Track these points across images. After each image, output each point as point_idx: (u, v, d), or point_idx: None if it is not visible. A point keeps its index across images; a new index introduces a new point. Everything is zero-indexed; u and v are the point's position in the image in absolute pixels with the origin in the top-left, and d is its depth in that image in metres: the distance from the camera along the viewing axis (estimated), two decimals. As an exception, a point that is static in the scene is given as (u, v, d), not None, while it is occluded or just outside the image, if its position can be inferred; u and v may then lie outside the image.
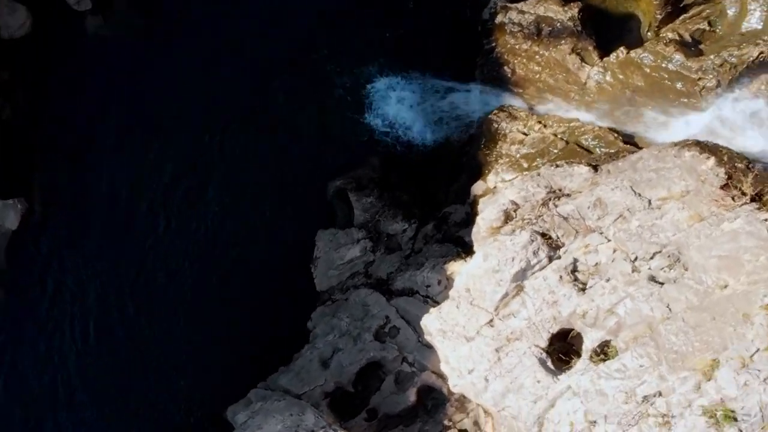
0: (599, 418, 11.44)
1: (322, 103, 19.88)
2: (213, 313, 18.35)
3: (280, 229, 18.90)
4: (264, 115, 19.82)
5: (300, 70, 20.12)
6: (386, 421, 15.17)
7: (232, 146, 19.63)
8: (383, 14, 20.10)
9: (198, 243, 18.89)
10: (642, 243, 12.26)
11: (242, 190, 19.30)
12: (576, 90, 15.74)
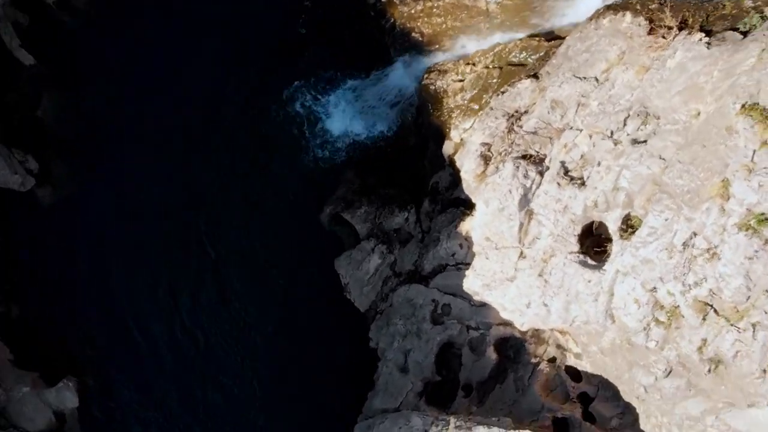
0: (656, 282, 11.99)
1: (275, 146, 20.41)
2: (289, 376, 19.02)
3: (302, 281, 19.56)
4: (236, 185, 20.31)
5: (232, 117, 20.65)
6: (483, 388, 15.73)
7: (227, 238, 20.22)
8: (288, 37, 20.67)
9: (253, 325, 19.56)
10: (610, 117, 12.82)
11: (250, 264, 19.81)
12: (483, 20, 16.27)
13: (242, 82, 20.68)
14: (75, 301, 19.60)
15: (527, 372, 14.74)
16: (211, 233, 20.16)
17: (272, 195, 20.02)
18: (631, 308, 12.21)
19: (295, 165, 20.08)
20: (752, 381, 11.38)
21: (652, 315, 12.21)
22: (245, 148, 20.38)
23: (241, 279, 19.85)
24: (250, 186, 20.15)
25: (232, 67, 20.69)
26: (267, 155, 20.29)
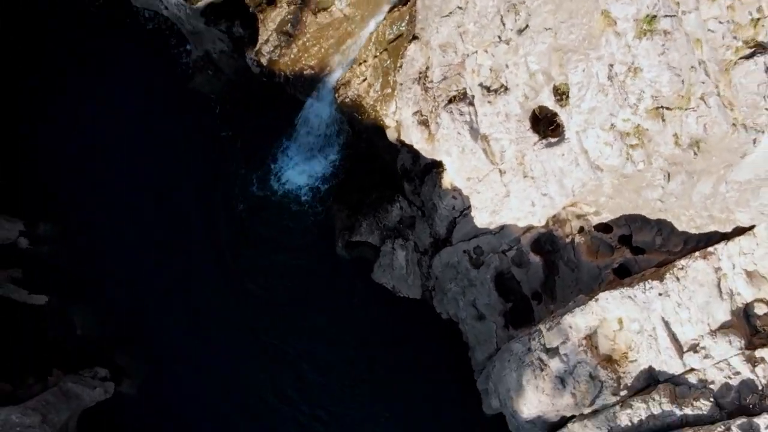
0: (610, 119, 13.59)
1: (268, 225, 21.91)
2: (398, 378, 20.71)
3: (363, 307, 21.06)
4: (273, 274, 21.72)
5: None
6: (547, 289, 17.42)
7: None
8: (215, 142, 22.35)
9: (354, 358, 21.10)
10: (489, 27, 14.43)
11: (322, 323, 21.22)
12: (347, 24, 17.79)
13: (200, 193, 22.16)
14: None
15: (569, 251, 16.40)
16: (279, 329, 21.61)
17: (294, 262, 21.56)
18: (607, 151, 13.84)
19: (291, 229, 21.65)
20: (730, 137, 13.03)
21: (625, 145, 13.84)
22: (263, 242, 21.92)
23: (319, 336, 21.31)
24: (277, 264, 21.66)
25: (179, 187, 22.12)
26: (269, 235, 21.77)
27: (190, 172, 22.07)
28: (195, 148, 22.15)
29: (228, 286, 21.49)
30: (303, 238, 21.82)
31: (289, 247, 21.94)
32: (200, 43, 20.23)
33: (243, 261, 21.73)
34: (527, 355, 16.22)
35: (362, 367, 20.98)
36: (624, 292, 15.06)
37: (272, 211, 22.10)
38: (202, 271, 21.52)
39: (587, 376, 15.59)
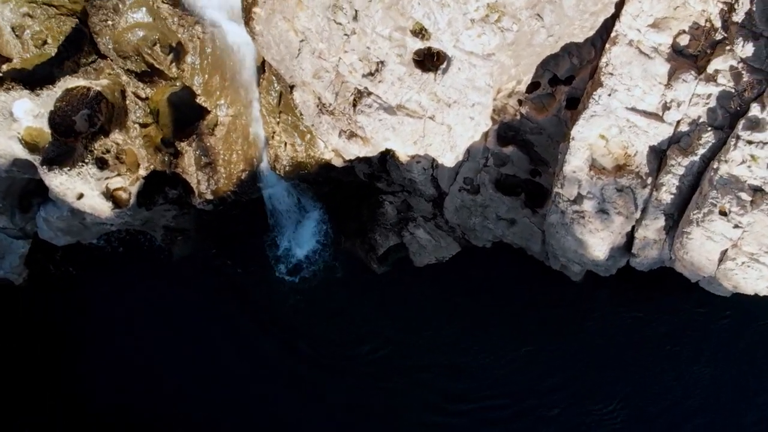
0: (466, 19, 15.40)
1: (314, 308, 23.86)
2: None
3: (436, 298, 23.13)
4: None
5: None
6: (539, 162, 19.29)
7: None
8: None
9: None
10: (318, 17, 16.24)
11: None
12: (239, 118, 19.60)
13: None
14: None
15: (525, 123, 18.33)
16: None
17: (358, 308, 23.47)
18: (485, 40, 15.43)
19: (330, 289, 23.56)
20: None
21: (492, 24, 15.48)
22: (319, 317, 23.73)
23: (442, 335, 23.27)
24: (347, 321, 23.58)
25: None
26: (316, 310, 23.66)
27: (214, 317, 23.75)
28: (206, 296, 23.93)
29: (334, 372, 23.18)
30: (345, 287, 23.62)
31: (340, 301, 23.76)
32: (156, 225, 22.01)
33: (322, 344, 23.42)
34: (564, 217, 18.06)
35: (478, 324, 22.95)
36: (585, 115, 16.88)
37: (303, 290, 23.85)
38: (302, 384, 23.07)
39: (616, 192, 17.41)
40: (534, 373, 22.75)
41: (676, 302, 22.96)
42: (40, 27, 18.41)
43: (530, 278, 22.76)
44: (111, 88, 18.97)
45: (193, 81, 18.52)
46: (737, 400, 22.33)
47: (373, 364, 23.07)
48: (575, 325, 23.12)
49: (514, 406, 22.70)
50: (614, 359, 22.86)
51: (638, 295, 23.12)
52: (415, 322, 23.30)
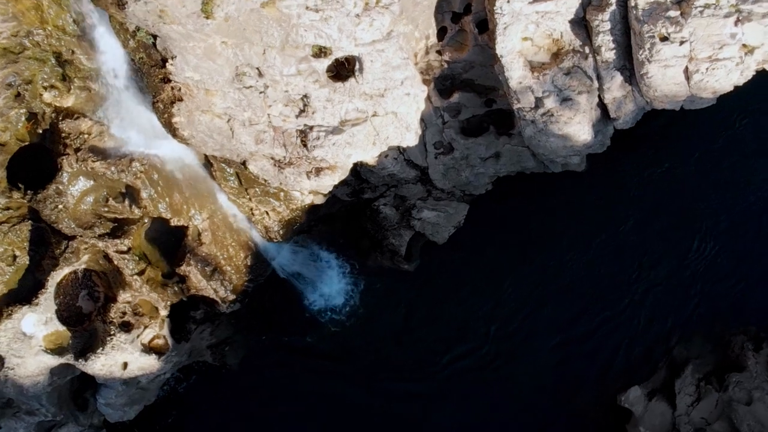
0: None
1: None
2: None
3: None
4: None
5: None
6: (487, 91, 19.70)
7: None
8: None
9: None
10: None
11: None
12: (216, 215, 19.99)
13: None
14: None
15: (454, 69, 18.71)
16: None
17: (419, 310, 24.05)
18: (376, 25, 15.99)
19: (381, 310, 24.10)
20: None
21: (377, 8, 15.95)
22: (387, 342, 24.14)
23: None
24: (418, 323, 24.09)
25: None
26: (383, 334, 24.11)
27: (301, 391, 24.10)
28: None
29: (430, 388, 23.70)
30: (392, 301, 24.03)
31: (394, 315, 24.20)
32: (201, 350, 22.36)
33: (402, 361, 23.87)
34: (536, 125, 18.52)
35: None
36: (499, 30, 17.33)
37: (357, 322, 24.25)
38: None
39: (566, 77, 17.95)
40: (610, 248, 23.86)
41: (683, 143, 23.98)
42: (2, 247, 18.73)
43: (542, 192, 23.18)
44: (94, 259, 19.28)
45: (158, 210, 18.89)
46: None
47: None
48: (604, 199, 23.85)
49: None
50: (670, 202, 23.86)
51: (651, 150, 23.91)
52: (471, 288, 23.78)
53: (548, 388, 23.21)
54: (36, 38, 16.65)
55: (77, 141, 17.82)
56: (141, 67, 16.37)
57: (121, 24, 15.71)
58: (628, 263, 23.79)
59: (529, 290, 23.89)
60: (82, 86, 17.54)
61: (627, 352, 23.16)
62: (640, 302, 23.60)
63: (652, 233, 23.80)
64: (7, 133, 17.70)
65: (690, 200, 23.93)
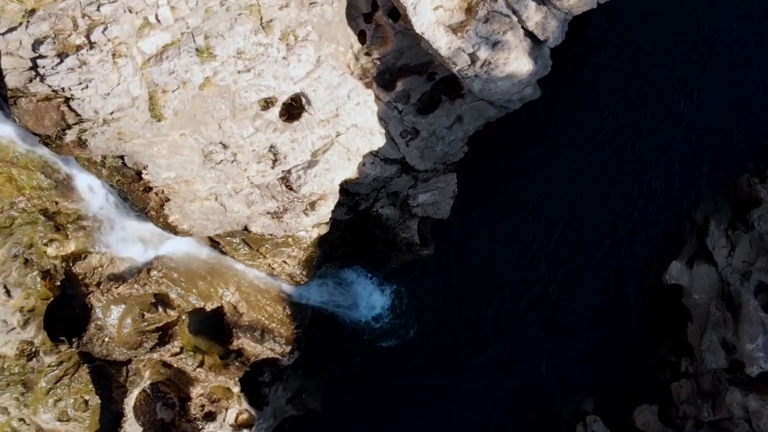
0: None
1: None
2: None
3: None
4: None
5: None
6: (428, 68, 20.74)
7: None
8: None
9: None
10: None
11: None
12: (241, 286, 21.16)
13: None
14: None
15: (390, 59, 19.76)
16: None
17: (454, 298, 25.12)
18: (304, 58, 17.04)
19: (424, 307, 25.17)
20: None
21: (293, 51, 16.97)
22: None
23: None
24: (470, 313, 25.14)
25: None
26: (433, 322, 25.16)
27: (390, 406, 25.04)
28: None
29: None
30: (433, 292, 25.20)
31: (437, 296, 25.26)
32: (283, 408, 23.42)
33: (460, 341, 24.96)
34: (480, 77, 19.73)
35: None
36: (409, 11, 18.32)
37: (405, 326, 25.23)
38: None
39: (487, 24, 19.14)
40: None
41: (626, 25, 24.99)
42: (72, 398, 19.72)
43: (516, 131, 24.17)
44: (155, 371, 20.34)
45: (191, 303, 19.94)
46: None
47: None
48: (574, 108, 24.89)
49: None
50: (636, 79, 24.84)
51: (600, 49, 25.05)
52: (492, 241, 24.86)
53: (598, 293, 24.39)
54: (20, 206, 17.68)
55: (94, 277, 18.86)
56: (121, 188, 17.38)
57: (89, 159, 16.71)
58: (623, 151, 24.78)
59: (546, 213, 24.82)
60: (77, 228, 18.57)
61: (651, 236, 24.20)
62: (647, 185, 24.61)
63: (631, 115, 24.71)
64: (31, 299, 18.75)
65: (653, 70, 24.87)
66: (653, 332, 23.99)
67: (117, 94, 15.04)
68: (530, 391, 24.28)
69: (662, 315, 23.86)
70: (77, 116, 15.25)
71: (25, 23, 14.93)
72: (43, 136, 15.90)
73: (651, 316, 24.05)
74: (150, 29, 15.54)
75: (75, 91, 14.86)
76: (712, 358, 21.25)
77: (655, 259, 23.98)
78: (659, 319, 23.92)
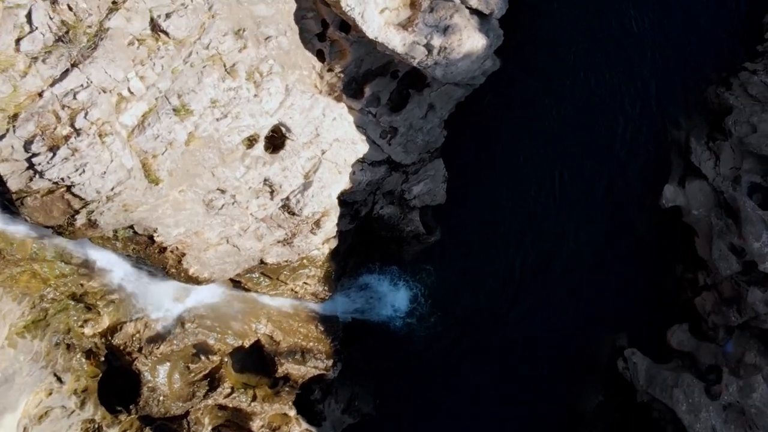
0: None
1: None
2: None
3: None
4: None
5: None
6: (388, 69, 21.65)
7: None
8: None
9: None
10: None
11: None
12: (272, 317, 22.10)
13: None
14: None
15: (352, 67, 20.62)
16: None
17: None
18: (272, 87, 17.94)
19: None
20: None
21: (261, 86, 17.87)
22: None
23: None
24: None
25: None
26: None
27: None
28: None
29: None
30: (451, 275, 26.08)
31: (456, 278, 26.20)
32: (340, 418, 24.32)
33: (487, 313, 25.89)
34: (440, 63, 20.47)
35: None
36: (357, 17, 19.20)
37: (433, 312, 26.15)
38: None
39: (434, 13, 19.91)
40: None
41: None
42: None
43: (489, 105, 25.14)
44: (213, 416, 21.34)
45: (229, 344, 20.95)
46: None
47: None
48: (540, 65, 25.78)
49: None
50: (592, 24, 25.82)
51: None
52: (497, 208, 25.79)
53: (606, 231, 25.34)
54: (49, 297, 18.58)
55: (134, 344, 19.78)
56: (138, 255, 18.30)
57: (102, 237, 17.62)
58: (598, 90, 25.61)
59: (539, 167, 25.69)
60: (106, 303, 19.50)
61: (642, 165, 25.07)
62: (627, 115, 25.46)
63: (595, 53, 25.59)
64: (81, 380, 19.71)
65: (605, 6, 25.85)
66: (665, 256, 24.85)
67: (113, 170, 15.97)
68: (566, 337, 25.11)
69: (669, 237, 24.73)
70: (82, 200, 16.19)
71: (11, 128, 15.84)
72: (56, 227, 16.83)
73: (660, 241, 24.91)
74: (126, 103, 16.44)
75: (74, 178, 15.80)
76: (725, 265, 22.08)
77: (650, 186, 24.84)
78: (668, 242, 24.78)
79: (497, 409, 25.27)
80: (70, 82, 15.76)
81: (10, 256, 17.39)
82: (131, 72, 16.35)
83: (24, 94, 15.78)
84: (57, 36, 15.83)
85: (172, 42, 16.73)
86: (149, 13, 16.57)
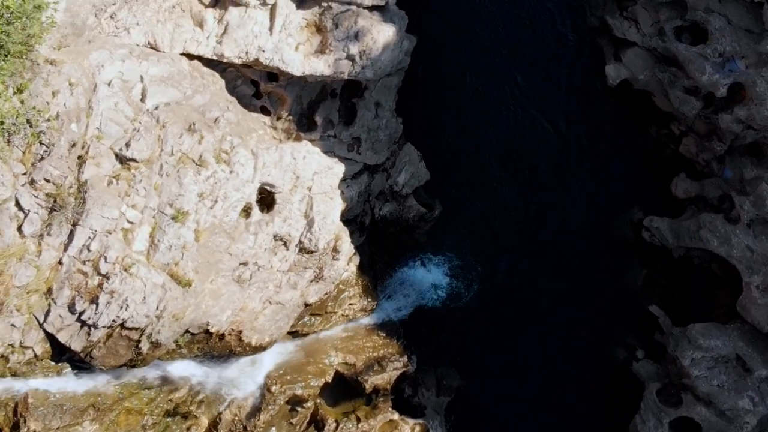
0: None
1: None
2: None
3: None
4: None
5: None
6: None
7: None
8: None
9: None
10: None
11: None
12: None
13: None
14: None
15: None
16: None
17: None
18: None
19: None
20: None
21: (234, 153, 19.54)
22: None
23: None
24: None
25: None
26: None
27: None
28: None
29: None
30: (470, 238, 27.84)
31: (478, 240, 27.94)
32: (438, 405, 25.98)
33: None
34: (361, 65, 22.06)
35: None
36: (278, 64, 20.86)
37: (467, 281, 27.77)
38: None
39: (340, 14, 21.46)
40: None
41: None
42: None
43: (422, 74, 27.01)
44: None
45: (314, 386, 22.61)
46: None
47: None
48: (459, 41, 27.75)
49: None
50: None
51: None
52: (483, 161, 27.62)
53: (571, 126, 27.17)
54: (149, 423, 20.18)
55: (239, 427, 21.39)
56: (203, 351, 20.03)
57: (167, 351, 19.31)
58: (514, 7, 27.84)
59: (492, 88, 27.60)
60: (197, 404, 21.02)
61: (576, 55, 27.23)
62: (548, 21, 27.69)
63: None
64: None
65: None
66: (635, 128, 26.55)
67: (150, 292, 17.70)
68: (594, 222, 27.02)
69: (633, 111, 26.41)
70: (138, 330, 17.94)
71: (52, 302, 17.61)
72: (128, 362, 18.54)
73: (626, 118, 26.60)
74: (131, 233, 18.16)
75: (123, 315, 17.55)
76: (689, 107, 23.75)
77: (594, 72, 26.56)
78: (632, 115, 26.48)
79: (551, 324, 26.91)
80: (78, 240, 17.51)
81: (103, 406, 19.06)
82: (122, 206, 18.06)
83: (47, 269, 17.52)
84: (49, 208, 17.53)
85: (142, 164, 18.41)
86: (111, 151, 18.25)
